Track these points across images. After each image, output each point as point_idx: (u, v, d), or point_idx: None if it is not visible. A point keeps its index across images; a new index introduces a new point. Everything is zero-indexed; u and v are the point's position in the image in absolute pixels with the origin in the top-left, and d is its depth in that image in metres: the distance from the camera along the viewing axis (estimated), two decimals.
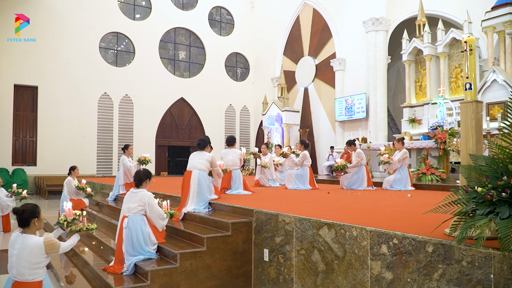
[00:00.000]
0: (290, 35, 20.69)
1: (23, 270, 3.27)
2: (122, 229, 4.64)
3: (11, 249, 3.32)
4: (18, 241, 3.32)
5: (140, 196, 4.70)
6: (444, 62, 13.54)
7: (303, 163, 8.71)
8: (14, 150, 17.75)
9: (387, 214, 4.47)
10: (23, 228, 3.38)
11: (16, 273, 3.28)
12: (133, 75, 20.14)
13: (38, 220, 3.40)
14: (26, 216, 3.36)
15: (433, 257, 2.90)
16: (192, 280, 4.43)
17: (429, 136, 10.52)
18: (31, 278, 3.29)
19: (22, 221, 3.37)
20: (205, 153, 6.18)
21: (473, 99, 3.07)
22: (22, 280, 3.27)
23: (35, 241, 3.30)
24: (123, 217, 4.72)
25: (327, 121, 18.40)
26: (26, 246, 3.28)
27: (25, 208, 3.37)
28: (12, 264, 3.30)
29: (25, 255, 3.27)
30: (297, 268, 4.16)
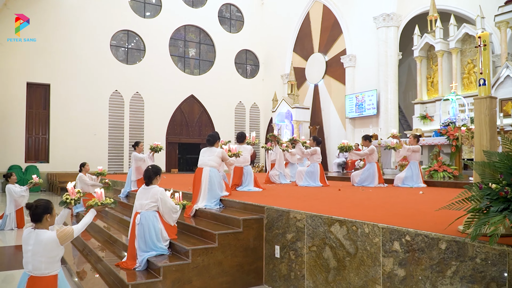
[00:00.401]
0: (300, 31, 20.62)
1: (39, 265, 3.32)
2: (135, 226, 4.68)
3: (25, 245, 3.36)
4: (31, 237, 3.36)
5: (152, 193, 4.73)
6: (457, 57, 13.39)
7: (313, 158, 8.69)
8: (27, 147, 17.97)
9: (399, 211, 4.45)
10: (36, 224, 3.42)
11: (32, 268, 3.32)
12: (144, 72, 20.25)
13: (50, 216, 3.43)
14: (39, 211, 3.39)
15: (446, 254, 2.88)
16: (204, 276, 4.46)
17: (441, 132, 10.42)
18: (46, 272, 3.34)
19: (35, 216, 3.40)
20: (215, 149, 6.19)
21: (487, 95, 3.04)
22: (38, 275, 3.32)
23: (49, 236, 3.34)
24: (136, 213, 4.76)
25: (337, 118, 18.33)
26: (40, 242, 3.32)
27: (38, 204, 3.40)
28: (28, 259, 3.34)
29: (40, 251, 3.31)
30: (309, 264, 4.16)
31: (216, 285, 4.53)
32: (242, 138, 7.74)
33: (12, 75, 17.32)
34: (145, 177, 4.86)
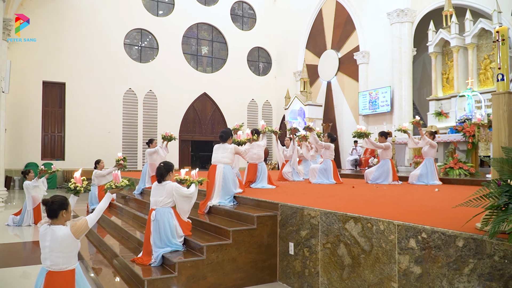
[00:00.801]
0: (312, 28, 20.52)
1: (57, 260, 3.37)
2: (150, 222, 4.72)
3: (43, 242, 3.40)
4: (48, 234, 3.41)
5: (167, 189, 4.76)
6: (473, 53, 13.19)
7: (326, 154, 8.64)
8: (43, 145, 18.23)
9: (415, 208, 4.41)
10: (52, 219, 3.46)
11: (50, 264, 3.37)
12: (157, 71, 20.37)
13: (66, 212, 3.46)
14: (55, 207, 3.43)
15: (463, 252, 2.85)
16: (218, 272, 4.48)
17: (457, 129, 10.30)
18: (64, 267, 3.39)
19: (51, 212, 3.43)
20: (227, 146, 6.20)
21: (506, 90, 2.99)
22: (56, 270, 3.37)
23: (64, 232, 3.38)
24: (151, 210, 4.80)
25: (350, 115, 18.21)
26: (56, 238, 3.36)
27: (54, 200, 3.44)
28: (46, 255, 3.39)
29: (57, 246, 3.36)
30: (323, 261, 4.15)
31: (230, 281, 4.55)
32: (257, 135, 7.76)
33: (28, 74, 17.57)
34: (157, 175, 4.88)
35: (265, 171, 7.59)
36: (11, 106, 16.77)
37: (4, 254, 6.41)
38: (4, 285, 4.84)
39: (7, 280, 5.02)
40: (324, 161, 8.70)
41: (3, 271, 5.35)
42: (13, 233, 8.09)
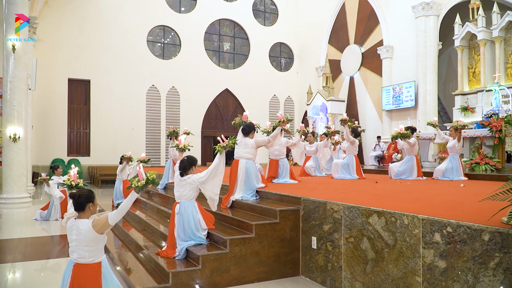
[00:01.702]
0: (335, 23, 20.34)
1: (83, 253, 3.45)
2: (174, 215, 4.80)
3: (70, 235, 3.49)
4: (74, 228, 3.50)
5: (189, 182, 4.83)
6: (500, 47, 12.85)
7: (350, 150, 8.59)
8: (69, 141, 18.66)
9: (440, 203, 4.36)
10: (79, 212, 3.53)
11: (77, 256, 3.47)
12: (179, 67, 20.57)
13: (92, 205, 3.52)
14: (82, 200, 3.49)
15: (489, 246, 2.81)
16: (242, 265, 4.53)
17: (483, 124, 10.08)
18: (90, 260, 3.47)
19: (77, 206, 3.49)
20: (249, 141, 6.20)
21: None
22: (83, 262, 3.46)
23: (87, 225, 3.45)
24: (175, 203, 4.88)
25: (373, 111, 18.02)
26: (80, 232, 3.44)
27: (81, 193, 3.50)
28: (73, 248, 3.49)
29: (82, 240, 3.44)
30: (346, 256, 4.15)
31: (253, 275, 4.60)
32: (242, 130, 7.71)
33: (54, 72, 17.99)
34: (180, 168, 4.94)
35: (287, 167, 7.60)
36: (37, 103, 17.23)
37: (33, 247, 6.61)
38: (32, 277, 5.01)
39: (35, 272, 5.18)
40: (348, 156, 8.65)
41: (31, 264, 5.52)
42: (41, 227, 8.32)
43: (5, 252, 6.16)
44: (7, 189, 11.16)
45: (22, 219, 9.21)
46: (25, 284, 4.68)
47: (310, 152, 9.48)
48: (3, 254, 6.05)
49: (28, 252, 6.23)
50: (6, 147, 11.35)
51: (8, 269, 5.20)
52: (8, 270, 5.16)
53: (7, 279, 4.79)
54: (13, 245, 6.55)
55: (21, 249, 6.36)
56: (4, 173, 11.28)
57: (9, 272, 5.06)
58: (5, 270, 5.16)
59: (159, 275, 4.45)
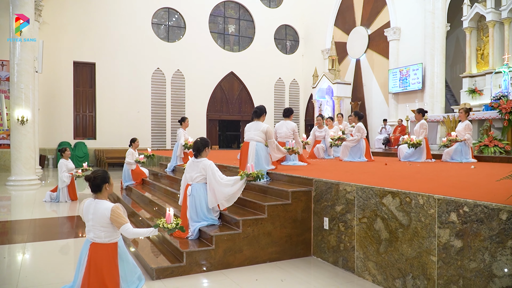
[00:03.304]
0: (341, 4, 20.10)
1: (99, 233, 3.49)
2: (186, 197, 4.82)
3: (87, 215, 3.53)
4: (91, 207, 3.53)
5: (202, 166, 4.84)
6: (509, 28, 12.69)
7: (357, 135, 8.58)
8: (75, 124, 18.71)
9: (454, 183, 4.35)
10: (96, 194, 3.57)
11: (93, 236, 3.50)
12: (184, 50, 20.45)
13: (108, 185, 3.57)
14: (98, 182, 3.53)
15: (507, 225, 2.82)
16: (254, 245, 4.57)
17: (492, 106, 10.01)
18: (107, 240, 3.51)
19: (94, 187, 3.54)
20: (260, 124, 6.18)
21: None
22: (100, 242, 3.50)
23: (106, 207, 3.48)
24: (187, 185, 4.90)
25: (380, 93, 17.92)
26: (97, 211, 3.48)
27: (96, 175, 3.53)
28: (89, 228, 3.52)
29: (98, 220, 3.48)
30: (359, 236, 4.17)
31: (265, 255, 4.64)
32: (289, 113, 7.65)
33: (59, 55, 17.94)
34: (194, 149, 4.95)
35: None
36: (43, 87, 17.23)
37: (44, 228, 6.68)
38: (43, 257, 5.07)
39: (45, 253, 5.24)
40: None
41: (42, 244, 5.59)
42: (51, 209, 8.39)
43: (17, 232, 6.23)
44: (16, 171, 11.24)
45: (31, 201, 9.30)
46: (39, 263, 4.74)
47: (319, 137, 9.46)
48: (15, 234, 6.12)
49: (40, 232, 6.30)
50: (14, 130, 11.39)
51: (21, 249, 5.27)
52: (22, 249, 5.22)
53: (22, 259, 4.86)
54: (25, 226, 6.63)
55: (32, 229, 6.43)
56: (13, 156, 11.34)
57: (23, 252, 5.12)
58: (19, 249, 5.23)
59: (172, 255, 4.50)
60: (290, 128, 7.50)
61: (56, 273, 4.34)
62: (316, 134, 9.50)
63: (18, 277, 4.17)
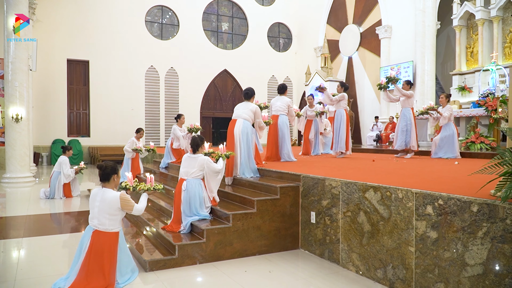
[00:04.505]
0: (334, 3, 20.27)
1: (104, 220, 3.72)
2: (180, 192, 4.98)
3: (93, 202, 3.79)
4: (98, 194, 3.80)
5: (199, 161, 5.04)
6: (498, 26, 12.92)
7: (340, 105, 8.50)
8: (69, 122, 18.76)
9: (433, 178, 4.55)
10: (104, 183, 3.85)
11: (97, 223, 3.72)
12: (178, 48, 20.54)
13: (116, 176, 3.88)
14: (108, 171, 3.83)
15: (477, 216, 3.01)
16: (244, 239, 4.75)
17: (479, 103, 10.25)
18: (110, 228, 3.74)
19: (104, 176, 3.83)
20: (250, 104, 6.31)
21: None
22: (103, 230, 3.72)
23: (113, 195, 3.76)
24: (181, 180, 5.06)
25: (371, 91, 18.13)
26: (105, 199, 3.74)
27: (107, 165, 3.84)
28: (94, 215, 3.75)
29: (105, 208, 3.73)
30: (343, 229, 4.36)
31: (255, 248, 4.82)
32: (283, 89, 7.84)
33: (53, 53, 17.97)
34: (193, 145, 5.15)
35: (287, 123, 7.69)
36: (37, 84, 17.27)
37: (38, 224, 6.81)
38: (39, 251, 5.22)
39: (42, 247, 5.38)
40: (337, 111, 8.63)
41: (38, 239, 5.74)
42: (45, 206, 8.50)
43: (13, 228, 6.37)
44: (11, 168, 11.35)
45: (26, 198, 9.41)
46: (36, 257, 4.89)
47: (311, 116, 9.68)
48: (11, 230, 6.26)
49: (36, 228, 6.43)
50: (8, 128, 11.48)
51: (18, 243, 5.41)
52: (19, 244, 5.37)
53: (19, 253, 5.01)
54: (20, 222, 6.76)
55: (28, 225, 6.56)
56: (7, 153, 11.44)
57: (20, 247, 5.27)
58: (15, 244, 5.37)
59: (165, 248, 4.67)
60: (285, 103, 7.70)
61: (53, 266, 4.49)
62: (308, 113, 9.73)
63: (16, 270, 4.32)
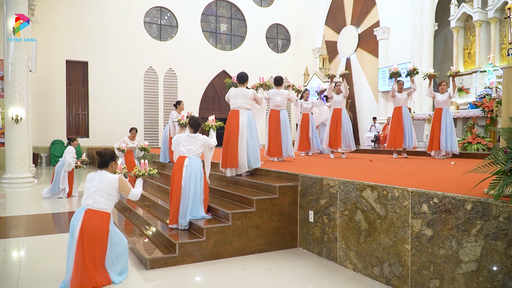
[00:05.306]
0: (332, 4, 20.37)
1: (100, 198, 3.84)
2: (182, 168, 5.02)
3: (90, 183, 3.91)
4: (97, 176, 3.95)
5: (200, 140, 5.21)
6: (495, 28, 13.03)
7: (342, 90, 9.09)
8: (68, 123, 18.82)
9: (429, 178, 4.63)
10: (102, 168, 3.99)
11: (92, 202, 3.84)
12: (177, 49, 20.61)
13: (114, 163, 4.03)
14: (107, 158, 3.99)
15: (471, 214, 3.09)
16: (243, 237, 4.81)
17: (476, 104, 10.33)
18: (104, 208, 3.86)
19: (103, 162, 3.98)
20: (247, 91, 6.33)
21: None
22: (96, 208, 3.82)
23: (112, 176, 3.95)
24: (182, 157, 5.13)
25: (369, 92, 18.22)
26: (104, 179, 3.89)
27: (106, 152, 3.99)
28: (90, 194, 3.87)
29: (103, 186, 3.87)
30: (341, 227, 4.43)
31: (254, 246, 4.89)
32: (281, 81, 7.92)
33: (52, 54, 18.03)
34: (195, 125, 5.30)
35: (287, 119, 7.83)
36: (36, 85, 17.32)
37: (39, 223, 6.86)
38: (41, 250, 5.27)
39: (43, 246, 5.44)
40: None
41: (40, 238, 5.79)
42: (47, 205, 8.55)
43: (14, 227, 6.42)
44: (10, 169, 11.39)
45: (26, 198, 9.46)
46: (38, 256, 4.94)
47: (307, 109, 9.81)
48: (13, 229, 6.31)
49: (37, 227, 6.48)
50: (8, 128, 11.53)
51: (20, 242, 5.47)
52: (21, 243, 5.42)
53: (21, 251, 5.07)
54: (22, 221, 6.81)
55: (29, 225, 6.62)
56: (7, 154, 11.49)
57: (21, 245, 5.33)
58: (17, 243, 5.43)
59: (165, 247, 4.73)
60: (285, 96, 7.79)
61: (55, 264, 4.54)
62: (303, 106, 9.85)
63: (19, 268, 4.38)
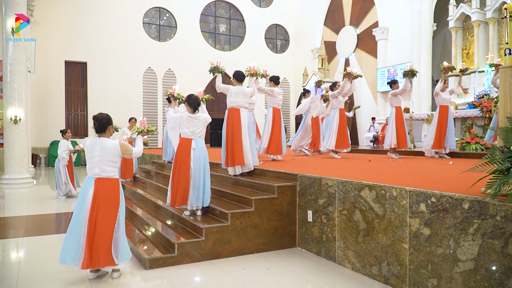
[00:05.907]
0: (331, 4, 20.39)
1: (106, 167, 3.87)
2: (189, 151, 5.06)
3: (91, 152, 3.91)
4: (97, 144, 3.93)
5: (202, 120, 5.25)
6: (493, 28, 13.06)
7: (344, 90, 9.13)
8: (67, 123, 18.82)
9: (427, 177, 4.65)
10: (100, 134, 3.97)
11: (99, 171, 3.88)
12: (176, 49, 20.62)
13: (111, 127, 4.02)
14: (104, 122, 3.96)
15: (469, 213, 3.10)
16: (242, 237, 4.83)
17: (474, 104, 10.36)
18: (112, 175, 3.93)
19: (100, 127, 3.95)
20: (245, 90, 6.40)
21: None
22: (105, 176, 3.85)
23: (113, 143, 3.93)
24: (188, 139, 5.14)
25: (368, 92, 18.24)
26: (106, 147, 3.88)
27: (103, 116, 3.97)
28: (95, 164, 3.89)
29: (107, 155, 3.88)
30: (340, 227, 4.44)
31: (253, 246, 4.90)
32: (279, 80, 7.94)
33: (51, 54, 18.03)
34: (195, 104, 5.29)
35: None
36: (35, 86, 17.32)
37: (38, 224, 6.87)
38: (41, 250, 5.28)
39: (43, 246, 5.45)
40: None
41: (39, 239, 5.80)
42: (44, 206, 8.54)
43: (13, 228, 6.43)
44: (9, 170, 11.39)
45: (25, 198, 9.47)
46: (37, 256, 4.95)
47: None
48: (12, 229, 6.32)
49: (36, 228, 6.49)
50: (7, 129, 11.53)
51: (19, 242, 5.47)
52: (20, 243, 5.43)
53: (20, 252, 5.07)
54: (20, 222, 6.82)
55: (28, 225, 6.62)
56: (6, 154, 11.49)
57: (20, 246, 5.33)
58: (16, 243, 5.44)
59: (164, 247, 4.74)
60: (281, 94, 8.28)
61: (54, 264, 4.55)
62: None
63: (18, 268, 4.39)
